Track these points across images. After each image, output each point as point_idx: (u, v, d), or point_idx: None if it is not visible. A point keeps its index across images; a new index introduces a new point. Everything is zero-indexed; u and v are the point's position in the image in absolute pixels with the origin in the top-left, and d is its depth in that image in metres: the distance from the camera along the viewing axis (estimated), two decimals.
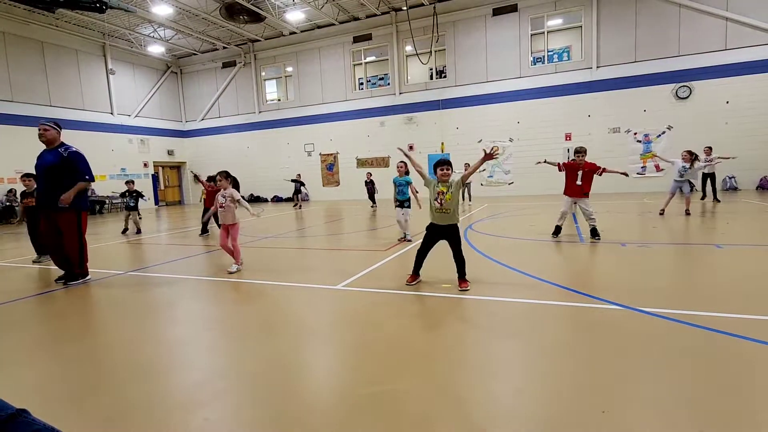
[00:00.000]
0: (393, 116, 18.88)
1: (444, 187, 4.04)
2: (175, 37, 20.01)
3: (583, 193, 6.49)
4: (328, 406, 2.15)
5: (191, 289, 4.71)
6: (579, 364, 2.45)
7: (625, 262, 5.07)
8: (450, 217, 4.08)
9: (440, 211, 4.05)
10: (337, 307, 3.83)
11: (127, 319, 3.73)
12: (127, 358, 2.86)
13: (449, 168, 4.11)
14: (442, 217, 4.08)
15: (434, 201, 4.07)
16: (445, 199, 4.01)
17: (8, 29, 15.91)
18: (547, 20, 16.55)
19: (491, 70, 17.27)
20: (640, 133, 15.57)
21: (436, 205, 4.06)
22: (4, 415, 1.17)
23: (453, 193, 4.03)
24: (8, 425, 1.17)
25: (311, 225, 10.55)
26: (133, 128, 20.71)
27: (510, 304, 3.63)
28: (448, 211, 4.05)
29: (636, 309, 3.27)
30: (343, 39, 19.47)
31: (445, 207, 4.03)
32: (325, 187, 20.65)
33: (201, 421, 2.02)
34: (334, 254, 6.57)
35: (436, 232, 4.17)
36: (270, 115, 21.58)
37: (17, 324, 3.72)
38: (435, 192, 4.07)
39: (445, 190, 4.02)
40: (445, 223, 4.09)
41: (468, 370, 2.46)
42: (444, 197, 4.01)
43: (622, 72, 15.56)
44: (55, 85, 17.51)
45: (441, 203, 4.02)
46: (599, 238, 6.34)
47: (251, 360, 2.73)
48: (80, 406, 2.22)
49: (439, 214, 4.08)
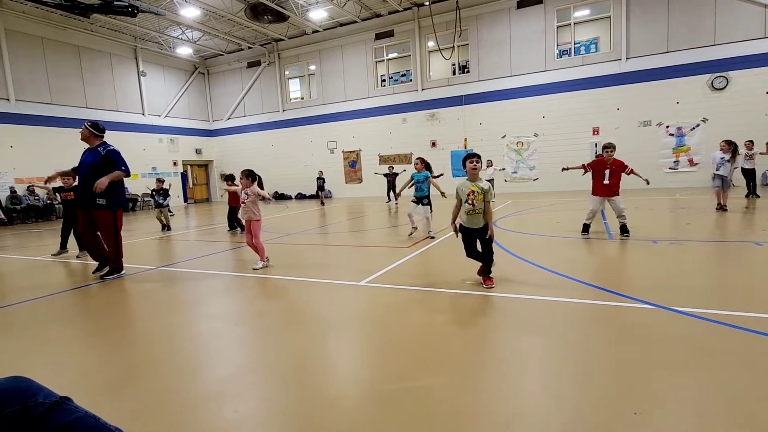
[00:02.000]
0: (415, 113, 18.79)
1: (475, 187, 3.98)
2: (202, 38, 20.49)
3: (612, 192, 6.25)
4: (354, 401, 2.17)
5: (219, 284, 4.83)
6: (609, 364, 2.39)
7: (657, 260, 4.90)
8: (481, 217, 4.02)
9: (472, 212, 3.99)
10: (361, 303, 3.86)
11: (158, 313, 3.87)
12: (159, 350, 2.97)
13: (479, 161, 4.03)
14: (474, 218, 4.01)
15: (466, 203, 4.02)
16: (477, 199, 3.96)
17: (47, 35, 16.64)
18: (574, 11, 16.09)
19: (515, 64, 16.94)
20: (672, 127, 14.97)
21: (468, 207, 4.00)
22: (48, 402, 1.23)
23: (484, 196, 3.98)
24: (52, 412, 1.23)
25: (334, 222, 10.64)
26: (163, 128, 21.36)
27: (536, 301, 3.57)
28: (480, 211, 3.99)
29: (669, 308, 3.17)
30: (365, 36, 19.48)
31: (477, 207, 3.97)
32: (347, 184, 20.77)
33: (231, 413, 2.08)
34: (357, 251, 6.61)
35: (470, 233, 4.10)
36: (293, 114, 21.84)
37: (58, 316, 3.91)
38: (466, 192, 4.01)
39: (477, 190, 3.96)
40: (475, 226, 4.03)
41: (494, 368, 2.44)
42: (476, 197, 3.95)
43: (654, 63, 14.99)
44: (90, 88, 18.23)
45: (473, 203, 3.96)
46: (629, 234, 6.15)
47: (279, 354, 2.79)
48: (118, 395, 2.33)
49: (471, 216, 4.01)
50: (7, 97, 15.39)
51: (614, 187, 6.26)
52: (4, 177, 15.03)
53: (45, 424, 1.18)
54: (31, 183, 15.60)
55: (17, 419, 1.15)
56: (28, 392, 1.21)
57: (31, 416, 1.17)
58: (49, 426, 1.19)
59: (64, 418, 1.23)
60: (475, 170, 4.00)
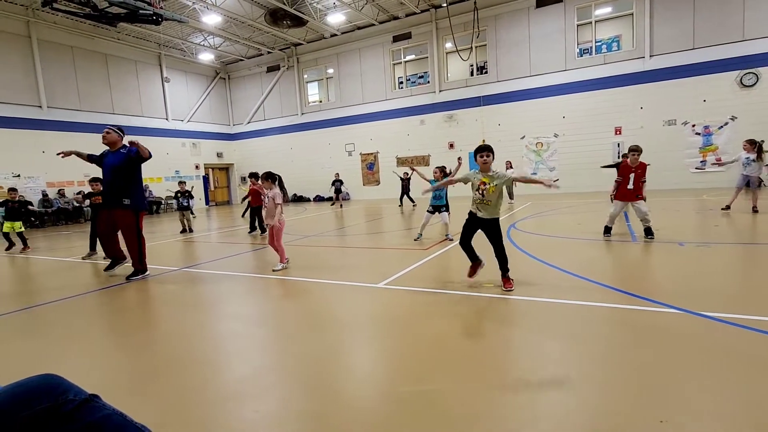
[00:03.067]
0: (433, 114, 18.73)
1: (487, 178, 3.87)
2: (223, 44, 20.93)
3: (636, 196, 6.13)
4: (371, 402, 2.18)
5: (239, 285, 4.92)
6: (633, 370, 2.33)
7: (684, 263, 4.76)
8: (491, 210, 3.91)
9: (481, 201, 3.89)
10: (379, 305, 3.87)
11: (181, 313, 3.96)
12: (182, 349, 3.04)
13: (490, 154, 3.91)
14: (484, 208, 3.92)
15: (476, 192, 3.92)
16: (488, 191, 3.83)
17: (76, 44, 17.29)
18: (595, 9, 15.78)
19: (534, 64, 16.72)
20: (699, 125, 14.51)
21: (477, 195, 3.91)
22: (78, 399, 1.26)
23: (497, 186, 3.85)
24: (82, 409, 1.26)
25: (352, 224, 10.69)
26: (186, 132, 21.89)
27: (557, 305, 3.51)
28: (489, 203, 3.88)
29: (696, 313, 3.07)
30: (383, 39, 19.54)
31: (486, 198, 3.86)
32: (365, 186, 20.85)
33: (251, 413, 2.11)
34: (375, 253, 6.63)
35: (475, 221, 4.02)
36: (312, 117, 22.06)
37: (86, 316, 4.05)
38: (477, 183, 3.92)
39: (488, 182, 3.84)
40: (484, 216, 3.94)
41: (513, 372, 2.41)
42: (487, 188, 3.83)
43: (679, 60, 14.56)
44: (117, 94, 18.85)
45: (483, 194, 3.86)
46: (653, 237, 5.99)
47: (298, 355, 2.82)
48: (143, 393, 2.39)
49: (480, 205, 3.92)
50: (39, 104, 16.04)
51: (638, 191, 6.13)
52: (36, 181, 15.65)
53: (74, 420, 1.22)
54: (61, 187, 16.21)
55: (48, 416, 1.19)
56: (59, 389, 1.25)
57: (61, 413, 1.21)
58: (78, 423, 1.23)
59: (92, 415, 1.26)
60: (486, 164, 3.90)
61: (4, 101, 15.10)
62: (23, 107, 15.59)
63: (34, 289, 5.46)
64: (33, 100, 15.94)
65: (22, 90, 15.61)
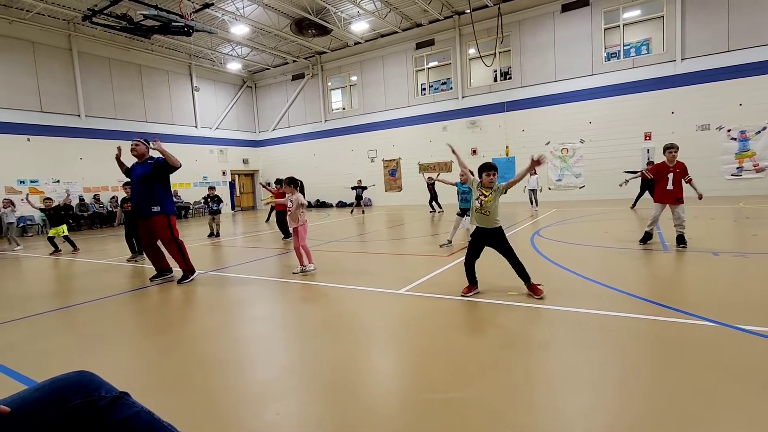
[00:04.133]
0: (456, 120, 18.66)
1: (487, 192, 4.05)
2: (250, 53, 21.51)
3: (677, 198, 5.83)
4: (393, 409, 2.17)
5: (263, 288, 5.00)
6: (665, 385, 2.25)
7: (719, 273, 4.56)
8: (489, 219, 4.04)
9: (479, 211, 4.07)
10: (400, 311, 3.86)
11: (207, 315, 4.06)
12: (208, 351, 3.11)
13: (495, 174, 4.07)
14: (482, 219, 4.08)
15: (475, 200, 4.11)
16: (486, 201, 4.02)
17: (113, 55, 18.12)
18: (623, 12, 15.43)
19: (560, 69, 16.45)
20: (734, 130, 13.92)
21: (476, 204, 4.09)
22: (109, 396, 1.32)
23: (494, 197, 4.02)
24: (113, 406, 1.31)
25: (374, 230, 10.72)
26: (214, 140, 22.54)
27: (584, 315, 3.42)
28: (488, 213, 4.03)
29: (732, 326, 2.93)
30: (406, 46, 19.65)
31: (485, 208, 4.03)
32: (387, 192, 20.90)
33: (273, 415, 2.14)
34: (397, 259, 6.62)
35: (480, 236, 4.13)
36: (335, 123, 22.34)
37: (118, 316, 4.20)
38: (477, 192, 4.11)
39: (487, 193, 4.04)
40: (485, 226, 4.07)
41: (538, 383, 2.36)
42: (485, 199, 4.03)
43: (713, 63, 14.05)
44: (149, 103, 19.63)
45: (481, 204, 4.05)
46: (686, 246, 5.76)
47: (320, 359, 2.84)
48: (170, 393, 2.46)
49: (479, 215, 4.09)
50: (78, 113, 16.86)
51: (679, 194, 5.84)
52: (74, 186, 16.40)
53: (106, 417, 1.27)
54: (97, 192, 16.93)
55: (82, 411, 1.25)
56: (92, 386, 1.30)
57: (94, 409, 1.26)
58: (109, 419, 1.28)
59: (123, 413, 1.31)
60: (491, 181, 4.06)
61: (47, 111, 15.96)
62: (64, 116, 16.43)
63: (72, 289, 5.71)
64: (73, 110, 16.76)
65: (63, 100, 16.46)
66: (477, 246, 4.14)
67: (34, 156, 15.42)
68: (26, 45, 15.42)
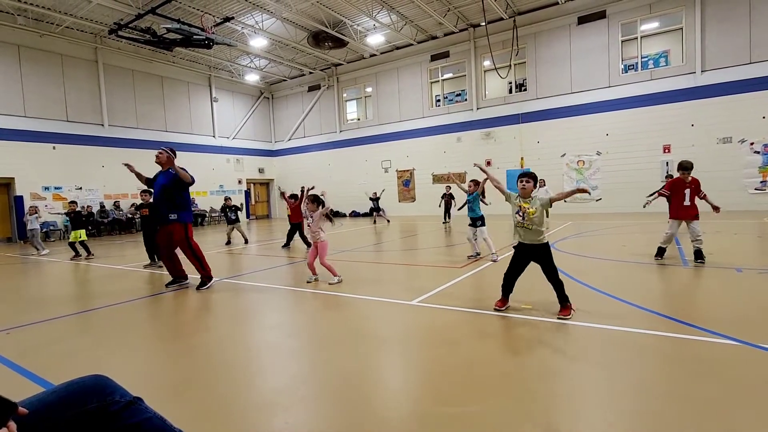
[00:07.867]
0: (470, 132, 18.64)
1: (526, 203, 3.82)
2: (268, 65, 21.96)
3: (693, 215, 5.79)
4: (404, 422, 2.15)
5: (275, 297, 5.03)
6: (684, 405, 2.18)
7: (742, 290, 4.42)
8: (534, 233, 3.80)
9: (522, 225, 3.82)
10: (412, 322, 3.84)
11: (220, 322, 4.09)
12: (219, 358, 3.14)
13: (529, 181, 3.86)
14: (526, 233, 3.83)
15: (515, 214, 3.87)
16: (528, 214, 3.76)
17: (136, 67, 18.70)
18: (641, 24, 15.31)
19: (576, 81, 16.35)
20: (758, 143, 13.58)
21: (517, 218, 3.84)
22: (123, 401, 1.34)
23: (537, 209, 3.77)
24: (126, 410, 1.33)
25: (387, 240, 10.71)
26: (231, 149, 22.96)
27: (602, 331, 3.34)
28: (531, 227, 3.78)
29: (755, 345, 2.83)
30: (421, 58, 19.81)
31: (527, 221, 3.77)
32: (401, 202, 20.91)
33: (282, 424, 2.14)
34: (409, 269, 6.60)
35: (523, 252, 3.91)
36: (350, 134, 22.54)
37: (133, 321, 4.27)
38: (516, 206, 3.88)
39: (528, 206, 3.79)
40: (529, 241, 3.83)
41: (552, 398, 2.31)
42: (527, 212, 3.77)
43: (734, 75, 13.79)
44: (170, 113, 20.15)
45: (523, 217, 3.80)
46: (704, 261, 5.61)
47: (330, 369, 2.83)
48: (180, 398, 2.48)
49: (522, 230, 3.85)
50: (102, 123, 17.38)
51: (695, 210, 5.81)
52: (95, 193, 16.84)
53: (119, 420, 1.29)
54: (117, 199, 17.34)
55: (96, 414, 1.27)
56: (107, 390, 1.33)
57: (108, 413, 1.29)
58: (122, 423, 1.30)
59: (135, 417, 1.33)
60: (524, 189, 3.86)
61: (73, 120, 16.50)
62: (88, 125, 16.96)
63: (89, 294, 5.84)
64: (96, 119, 17.29)
65: (88, 110, 17.00)
66: (519, 262, 3.90)
67: (59, 163, 15.92)
68: (55, 57, 16.03)
